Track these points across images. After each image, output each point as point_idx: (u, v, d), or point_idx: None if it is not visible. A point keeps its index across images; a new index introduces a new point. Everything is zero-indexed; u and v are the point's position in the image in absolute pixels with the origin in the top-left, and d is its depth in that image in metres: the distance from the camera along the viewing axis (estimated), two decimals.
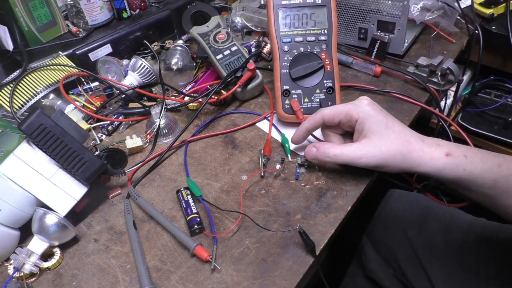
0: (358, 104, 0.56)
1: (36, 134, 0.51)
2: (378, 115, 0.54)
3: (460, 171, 0.51)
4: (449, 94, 1.13)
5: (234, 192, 0.59)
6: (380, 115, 0.54)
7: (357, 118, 0.54)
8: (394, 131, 0.53)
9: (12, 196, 0.51)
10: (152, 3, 0.90)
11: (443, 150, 0.52)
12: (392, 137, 0.52)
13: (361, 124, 0.54)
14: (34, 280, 0.51)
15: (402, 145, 0.52)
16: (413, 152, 0.52)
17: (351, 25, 0.82)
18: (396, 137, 0.52)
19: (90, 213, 0.59)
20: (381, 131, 0.53)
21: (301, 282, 0.49)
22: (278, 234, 0.53)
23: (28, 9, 0.76)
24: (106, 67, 0.78)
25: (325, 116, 0.56)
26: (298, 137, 0.60)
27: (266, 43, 0.84)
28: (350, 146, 0.54)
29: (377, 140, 0.52)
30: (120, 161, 0.65)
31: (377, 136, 0.53)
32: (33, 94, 0.69)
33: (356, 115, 0.54)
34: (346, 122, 0.56)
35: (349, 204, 0.56)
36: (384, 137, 0.52)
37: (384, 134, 0.52)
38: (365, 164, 0.53)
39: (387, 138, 0.52)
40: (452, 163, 0.51)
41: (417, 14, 0.81)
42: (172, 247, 0.53)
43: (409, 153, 0.52)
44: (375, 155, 0.52)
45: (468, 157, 0.51)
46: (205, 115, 0.73)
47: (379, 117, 0.54)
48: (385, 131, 0.53)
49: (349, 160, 0.54)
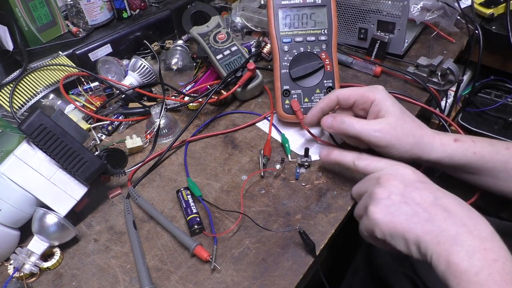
0: (374, 87, 0.57)
1: (36, 134, 0.51)
2: (394, 100, 0.56)
3: (470, 154, 0.52)
4: (449, 94, 1.13)
5: (234, 192, 0.59)
6: (395, 100, 0.56)
7: (374, 99, 0.55)
8: (409, 115, 0.55)
9: (12, 196, 0.51)
10: (152, 3, 0.90)
11: (452, 136, 0.54)
12: (407, 120, 0.54)
13: (377, 105, 0.55)
14: (34, 280, 0.51)
15: (415, 128, 0.54)
16: (425, 137, 0.53)
17: (351, 25, 0.82)
18: (410, 121, 0.54)
19: (90, 213, 0.59)
20: (398, 113, 0.54)
21: (301, 282, 0.49)
22: (278, 234, 0.53)
23: (28, 9, 0.76)
24: (106, 67, 0.78)
25: (341, 95, 0.57)
26: (312, 117, 0.60)
27: (266, 43, 0.84)
28: (368, 121, 0.55)
29: (394, 120, 0.54)
30: (120, 161, 0.65)
31: (394, 116, 0.54)
32: (33, 94, 0.69)
33: (373, 97, 0.55)
34: (361, 104, 0.57)
35: (349, 204, 0.56)
36: (400, 118, 0.54)
37: (400, 116, 0.54)
38: (379, 138, 0.53)
39: (402, 120, 0.54)
40: (461, 147, 0.53)
41: (417, 14, 0.81)
42: (172, 247, 0.53)
43: (421, 137, 0.53)
44: (389, 131, 0.53)
45: (476, 142, 0.53)
46: (205, 115, 0.73)
47: (395, 101, 0.55)
48: (402, 114, 0.54)
49: (365, 132, 0.54)
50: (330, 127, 0.57)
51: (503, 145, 0.53)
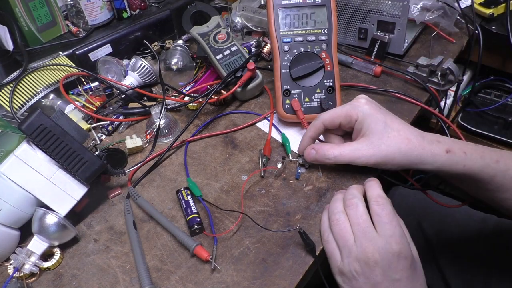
0: (356, 104, 0.56)
1: (36, 134, 0.51)
2: (377, 113, 0.54)
3: (460, 167, 0.51)
4: (449, 94, 1.13)
5: (234, 192, 0.59)
6: (379, 113, 0.54)
7: (356, 118, 0.54)
8: (393, 129, 0.53)
9: (12, 196, 0.51)
10: (152, 3, 0.90)
11: (444, 146, 0.52)
12: (391, 135, 0.52)
13: (360, 123, 0.54)
14: (34, 280, 0.51)
15: (401, 143, 0.52)
16: (414, 150, 0.51)
17: (351, 25, 0.82)
18: (395, 135, 0.52)
19: (90, 213, 0.59)
20: (380, 130, 0.53)
21: (301, 282, 0.49)
22: (278, 234, 0.53)
23: (28, 9, 0.76)
24: (106, 67, 0.78)
25: (325, 121, 0.57)
26: (303, 147, 0.60)
27: (266, 43, 0.84)
28: (349, 146, 0.55)
29: (376, 139, 0.52)
30: (120, 161, 0.65)
31: (376, 135, 0.53)
32: (33, 94, 0.69)
33: (355, 115, 0.54)
34: (346, 124, 0.56)
35: None
36: (384, 135, 0.52)
37: (383, 133, 0.52)
38: (365, 162, 0.53)
39: (386, 137, 0.52)
40: (452, 160, 0.51)
41: (417, 14, 0.81)
42: (172, 247, 0.53)
43: (409, 151, 0.52)
44: (374, 154, 0.52)
45: (467, 154, 0.51)
46: (205, 115, 0.73)
47: (378, 116, 0.53)
48: (384, 130, 0.52)
49: (348, 160, 0.54)
50: (314, 160, 0.57)
51: (494, 157, 0.52)
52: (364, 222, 0.48)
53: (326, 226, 0.51)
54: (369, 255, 0.45)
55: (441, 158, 0.51)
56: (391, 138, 0.52)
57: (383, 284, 0.45)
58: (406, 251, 0.46)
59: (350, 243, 0.47)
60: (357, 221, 0.48)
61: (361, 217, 0.48)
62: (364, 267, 0.46)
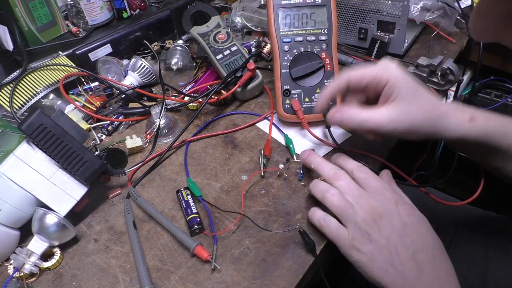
0: (385, 66, 0.53)
1: (36, 134, 0.51)
2: (407, 78, 0.52)
3: (482, 135, 0.51)
4: (449, 94, 1.13)
5: (234, 192, 0.59)
6: (409, 78, 0.52)
7: (387, 81, 0.52)
8: (423, 95, 0.52)
9: (12, 196, 0.51)
10: (152, 3, 0.90)
11: (467, 115, 0.51)
12: (422, 101, 0.51)
13: (390, 88, 0.52)
14: (34, 280, 0.51)
15: (431, 110, 0.51)
16: (440, 118, 0.51)
17: (351, 25, 0.82)
18: (424, 102, 0.51)
19: (90, 213, 0.59)
20: (410, 96, 0.51)
21: (301, 282, 0.49)
22: (278, 234, 0.53)
23: (28, 9, 0.76)
24: (106, 67, 0.78)
25: (352, 78, 0.53)
26: (322, 104, 0.57)
27: (266, 43, 0.84)
28: (378, 111, 0.52)
29: (407, 104, 0.51)
30: (120, 161, 0.65)
31: (406, 100, 0.51)
32: (33, 94, 0.69)
33: (386, 79, 0.52)
34: (373, 87, 0.53)
35: None
36: (414, 101, 0.51)
37: (413, 99, 0.51)
38: (393, 129, 0.51)
39: (416, 103, 0.51)
40: (474, 128, 0.51)
41: (417, 14, 0.81)
42: (172, 247, 0.53)
43: (437, 118, 0.51)
44: (404, 120, 0.51)
45: (489, 122, 0.51)
46: (205, 115, 0.73)
47: (409, 81, 0.52)
48: (415, 96, 0.51)
49: (378, 126, 0.51)
50: (339, 123, 0.54)
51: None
52: (355, 187, 0.50)
53: (319, 214, 0.51)
54: (371, 210, 0.47)
55: (465, 126, 0.51)
56: (421, 105, 0.51)
57: (395, 233, 0.47)
58: (401, 199, 0.49)
59: (351, 211, 0.48)
60: (349, 189, 0.50)
61: (350, 184, 0.50)
62: (372, 224, 0.47)
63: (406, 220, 0.48)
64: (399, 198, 0.50)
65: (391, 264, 0.46)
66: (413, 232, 0.48)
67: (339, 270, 0.84)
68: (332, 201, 0.50)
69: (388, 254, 0.46)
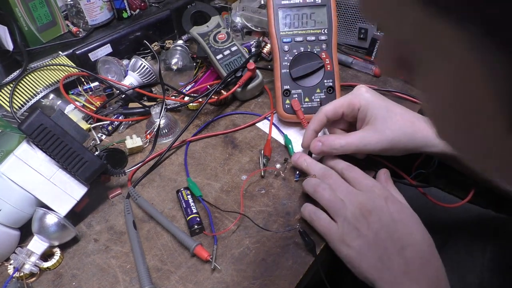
0: (357, 92, 0.56)
1: (36, 134, 0.51)
2: (378, 100, 0.54)
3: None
4: None
5: (234, 192, 0.59)
6: (380, 100, 0.55)
7: (359, 106, 0.55)
8: (396, 113, 0.53)
9: (12, 196, 0.51)
10: (152, 3, 0.90)
11: None
12: (395, 119, 0.53)
13: (363, 111, 0.55)
14: (34, 280, 0.51)
15: (406, 126, 0.52)
16: (418, 133, 0.52)
17: (351, 25, 0.82)
18: (398, 119, 0.53)
19: (90, 213, 0.59)
20: (383, 115, 0.53)
21: (301, 282, 0.49)
22: (278, 234, 0.53)
23: (28, 9, 0.76)
24: (106, 67, 0.78)
25: (328, 112, 0.57)
26: (307, 141, 0.60)
27: (266, 43, 0.84)
28: (354, 135, 0.55)
29: (380, 124, 0.53)
30: (120, 161, 0.65)
31: (380, 120, 0.53)
32: (33, 94, 0.69)
33: (358, 104, 0.55)
34: (349, 113, 0.56)
35: None
36: (387, 120, 0.53)
37: (386, 118, 0.53)
38: (372, 149, 0.54)
39: (390, 121, 0.53)
40: None
41: None
42: (172, 247, 0.53)
43: (414, 133, 0.52)
44: (380, 139, 0.53)
45: None
46: (205, 115, 0.73)
47: (380, 102, 0.54)
48: (387, 114, 0.53)
49: (355, 148, 0.54)
50: (321, 153, 0.57)
51: None
52: (344, 184, 0.51)
53: (309, 208, 0.52)
54: (361, 206, 0.48)
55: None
56: (395, 122, 0.53)
57: (383, 228, 0.47)
58: (391, 196, 0.50)
59: (341, 205, 0.49)
60: (339, 186, 0.51)
61: (340, 181, 0.52)
62: (361, 219, 0.47)
63: (395, 216, 0.48)
64: (390, 195, 0.50)
65: (379, 259, 0.46)
66: (402, 228, 0.48)
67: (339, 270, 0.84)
68: (323, 195, 0.51)
69: (376, 249, 0.46)
